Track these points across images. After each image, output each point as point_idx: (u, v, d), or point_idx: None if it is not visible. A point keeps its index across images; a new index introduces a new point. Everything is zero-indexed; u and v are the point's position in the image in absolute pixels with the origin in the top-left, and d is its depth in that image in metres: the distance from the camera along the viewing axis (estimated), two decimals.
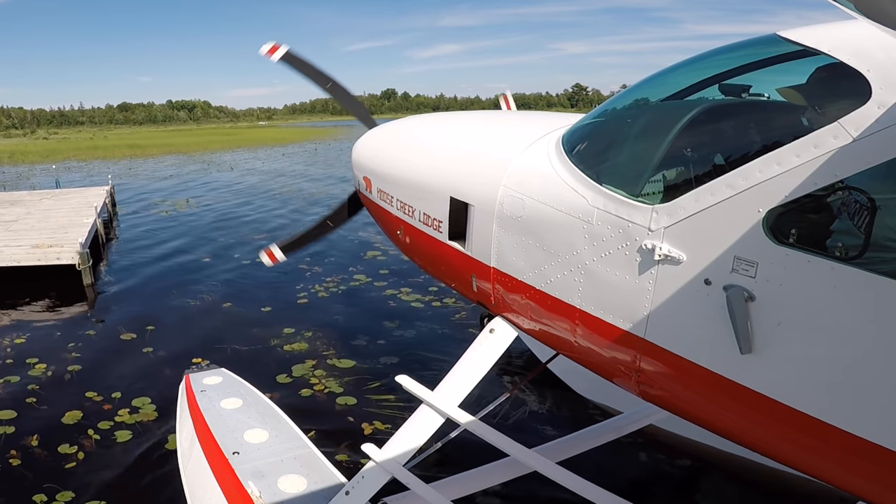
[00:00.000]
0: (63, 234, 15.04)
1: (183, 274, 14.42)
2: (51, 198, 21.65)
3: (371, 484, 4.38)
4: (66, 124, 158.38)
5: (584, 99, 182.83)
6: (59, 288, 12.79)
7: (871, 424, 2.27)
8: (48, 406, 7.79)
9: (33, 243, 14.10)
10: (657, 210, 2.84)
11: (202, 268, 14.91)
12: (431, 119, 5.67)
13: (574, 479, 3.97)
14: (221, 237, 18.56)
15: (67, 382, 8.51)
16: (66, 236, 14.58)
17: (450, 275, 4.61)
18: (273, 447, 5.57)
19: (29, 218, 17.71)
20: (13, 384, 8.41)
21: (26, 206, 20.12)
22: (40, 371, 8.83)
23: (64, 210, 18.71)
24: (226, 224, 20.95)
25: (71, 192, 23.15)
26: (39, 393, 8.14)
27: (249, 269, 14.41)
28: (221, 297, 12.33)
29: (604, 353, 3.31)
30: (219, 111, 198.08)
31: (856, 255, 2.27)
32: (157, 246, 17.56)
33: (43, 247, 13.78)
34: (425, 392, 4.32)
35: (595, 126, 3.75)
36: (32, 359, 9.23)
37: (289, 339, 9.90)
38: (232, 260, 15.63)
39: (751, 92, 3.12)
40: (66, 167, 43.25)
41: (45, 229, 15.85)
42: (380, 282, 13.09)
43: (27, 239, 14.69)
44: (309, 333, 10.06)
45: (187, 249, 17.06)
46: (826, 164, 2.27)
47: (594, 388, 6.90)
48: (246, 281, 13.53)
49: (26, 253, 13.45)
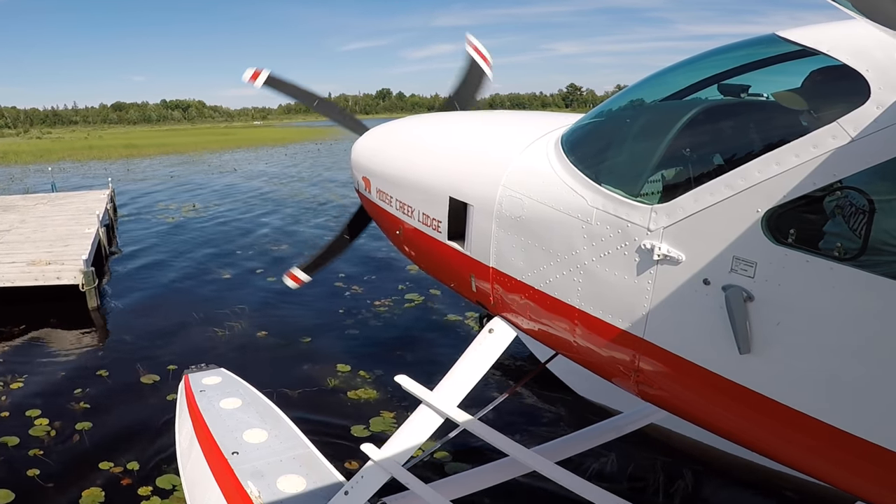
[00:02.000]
0: (62, 247, 13.51)
1: (203, 295, 12.66)
2: (47, 203, 20.15)
3: (370, 484, 4.37)
4: (59, 124, 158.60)
5: (579, 99, 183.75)
6: (59, 312, 11.14)
7: (869, 424, 2.27)
8: (54, 483, 6.20)
9: (29, 259, 12.43)
10: (656, 210, 2.84)
11: (224, 288, 13.10)
12: (430, 119, 5.67)
13: (573, 479, 3.97)
14: (238, 249, 16.78)
15: (76, 446, 6.91)
16: (66, 250, 13.08)
17: (449, 275, 4.61)
18: (272, 447, 5.57)
19: (23, 227, 16.05)
20: (11, 451, 6.81)
21: (20, 212, 18.47)
22: (43, 429, 7.20)
23: (62, 218, 17.18)
24: (239, 233, 19.11)
25: (68, 197, 21.64)
26: (44, 462, 6.55)
27: (277, 289, 12.19)
28: (252, 324, 10.58)
29: (603, 352, 3.31)
30: (213, 111, 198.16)
31: (854, 255, 2.27)
32: (169, 260, 15.79)
33: (40, 264, 12.07)
34: (424, 392, 4.31)
35: (594, 126, 3.75)
36: (33, 411, 7.61)
37: (349, 380, 8.25)
38: (255, 277, 13.74)
39: (750, 92, 3.12)
40: (60, 168, 41.40)
41: (41, 241, 14.23)
42: (436, 302, 11.37)
43: (22, 253, 13.02)
44: (370, 375, 8.33)
45: (202, 264, 15.27)
46: (825, 164, 2.27)
47: (593, 387, 6.91)
48: (277, 304, 11.68)
49: (21, 272, 11.74)
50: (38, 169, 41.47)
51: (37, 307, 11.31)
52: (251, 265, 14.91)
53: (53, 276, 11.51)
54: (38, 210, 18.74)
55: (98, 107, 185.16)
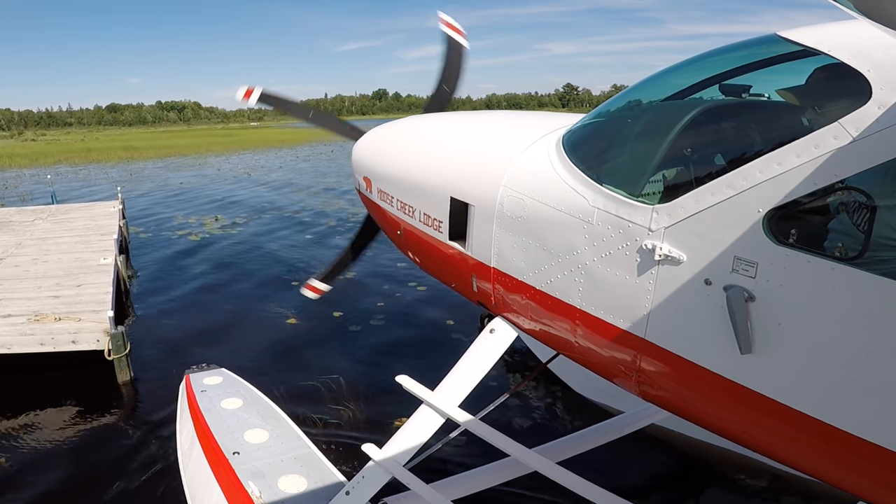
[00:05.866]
0: (74, 286, 10.02)
1: (268, 350, 9.03)
2: (47, 218, 16.81)
3: (371, 484, 4.38)
4: (54, 125, 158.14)
5: (575, 99, 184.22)
6: (76, 388, 7.88)
7: (870, 424, 2.27)
8: None
9: (30, 310, 8.96)
10: (657, 210, 2.84)
11: (299, 346, 9.25)
12: (431, 119, 5.67)
13: (575, 480, 3.97)
14: (284, 273, 13.04)
15: None
16: (79, 294, 9.64)
17: (450, 275, 4.61)
18: (273, 447, 5.57)
19: (20, 255, 12.42)
20: None
21: (15, 232, 14.79)
22: None
23: (67, 239, 13.70)
24: (282, 255, 15.13)
25: (72, 211, 18.02)
26: None
27: (379, 343, 9.32)
28: (370, 409, 7.23)
29: (604, 353, 3.31)
30: (209, 112, 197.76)
31: (856, 255, 2.27)
32: (205, 295, 11.91)
33: (46, 320, 8.53)
34: (426, 392, 4.31)
35: (595, 126, 3.75)
36: None
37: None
38: (329, 322, 10.19)
39: (751, 92, 3.12)
40: (58, 172, 38.38)
41: (44, 277, 10.72)
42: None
43: (20, 298, 9.54)
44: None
45: (255, 302, 11.36)
46: (826, 165, 2.27)
47: (595, 387, 6.90)
48: (378, 362, 8.52)
49: (20, 333, 8.19)
50: (33, 174, 39.04)
51: (41, 378, 8.13)
52: (324, 310, 10.44)
53: (66, 341, 8.06)
54: (36, 228, 15.43)
55: (93, 108, 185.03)
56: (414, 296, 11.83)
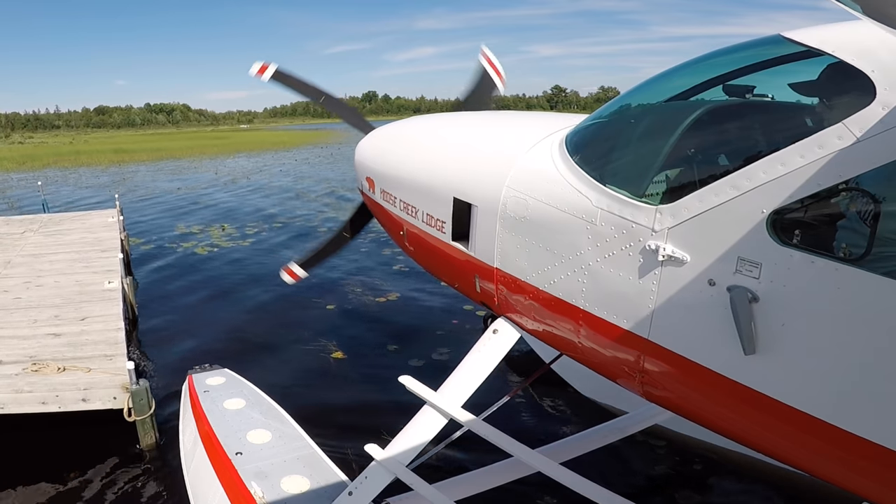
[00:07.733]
0: (77, 321, 8.26)
1: (317, 401, 7.32)
2: (38, 229, 14.99)
3: (374, 484, 4.38)
4: (41, 128, 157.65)
5: (564, 100, 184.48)
6: (85, 453, 6.23)
7: (875, 425, 2.26)
8: None
9: (27, 356, 7.17)
10: (661, 211, 2.84)
11: (349, 391, 7.67)
12: (434, 119, 5.67)
13: (578, 480, 3.97)
14: (315, 295, 11.24)
15: None
16: (85, 333, 7.84)
17: (453, 275, 4.61)
18: (276, 447, 5.57)
19: (10, 276, 10.57)
20: None
21: (3, 245, 13.04)
22: None
23: (63, 256, 11.95)
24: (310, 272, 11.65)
25: (66, 221, 16.25)
26: None
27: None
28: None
29: (607, 353, 3.31)
30: (199, 114, 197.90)
31: (860, 256, 2.26)
32: (225, 325, 10.10)
33: (48, 370, 6.77)
34: (428, 393, 4.32)
35: (599, 127, 3.75)
36: None
37: None
38: (384, 356, 8.74)
39: (755, 93, 3.12)
40: (47, 176, 36.39)
41: (41, 307, 8.86)
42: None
43: (13, 342, 7.59)
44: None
45: (281, 327, 9.76)
46: (830, 165, 2.27)
47: (598, 388, 6.90)
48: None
49: (14, 390, 6.37)
50: (21, 178, 36.99)
51: (39, 438, 6.42)
52: (366, 338, 9.27)
53: (75, 399, 6.25)
54: (27, 242, 13.45)
55: (81, 111, 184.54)
56: (476, 323, 9.96)
